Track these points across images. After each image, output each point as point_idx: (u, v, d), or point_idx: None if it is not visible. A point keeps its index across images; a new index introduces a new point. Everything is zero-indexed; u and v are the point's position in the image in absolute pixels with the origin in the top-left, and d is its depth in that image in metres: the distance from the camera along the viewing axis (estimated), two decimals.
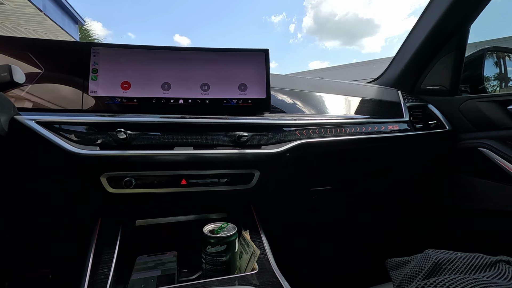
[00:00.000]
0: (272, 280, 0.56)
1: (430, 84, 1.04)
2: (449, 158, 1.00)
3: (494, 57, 1.14)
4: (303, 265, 1.07)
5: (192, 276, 0.65)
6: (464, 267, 0.43)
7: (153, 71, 0.66)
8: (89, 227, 0.66)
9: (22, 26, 4.58)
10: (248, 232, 0.66)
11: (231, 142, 0.66)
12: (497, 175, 0.83)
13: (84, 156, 0.56)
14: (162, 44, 0.68)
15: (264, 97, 0.71)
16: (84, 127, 0.59)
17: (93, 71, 0.63)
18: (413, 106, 0.95)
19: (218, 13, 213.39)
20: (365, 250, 1.14)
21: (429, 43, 0.97)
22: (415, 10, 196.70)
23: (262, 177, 0.70)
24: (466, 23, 0.94)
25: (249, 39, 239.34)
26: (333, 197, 0.99)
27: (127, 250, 0.66)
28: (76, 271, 0.58)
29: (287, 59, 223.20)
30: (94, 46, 0.65)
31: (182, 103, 0.66)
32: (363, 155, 0.90)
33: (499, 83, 1.18)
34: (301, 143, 0.72)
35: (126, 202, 0.68)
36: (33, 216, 0.70)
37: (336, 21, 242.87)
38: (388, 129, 0.85)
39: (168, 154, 0.61)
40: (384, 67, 1.17)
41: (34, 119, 0.54)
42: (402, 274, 0.48)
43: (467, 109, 0.93)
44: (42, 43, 0.63)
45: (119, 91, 0.64)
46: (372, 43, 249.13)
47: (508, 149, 0.82)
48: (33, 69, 0.60)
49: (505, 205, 0.85)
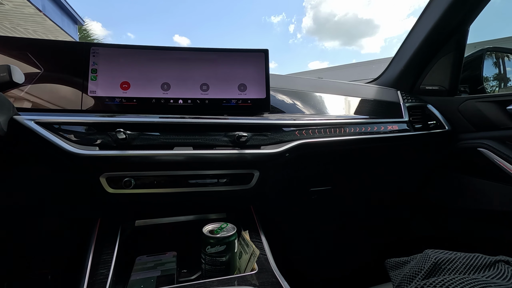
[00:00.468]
0: (271, 280, 0.56)
1: (429, 84, 1.04)
2: (449, 158, 1.00)
3: (493, 57, 1.14)
4: (302, 265, 1.07)
5: (192, 277, 0.65)
6: (464, 267, 0.43)
7: (152, 71, 0.66)
8: (89, 227, 0.66)
9: (21, 26, 4.57)
10: (247, 232, 0.66)
11: (230, 142, 0.66)
12: (496, 175, 0.83)
13: (84, 156, 0.56)
14: (161, 44, 0.68)
15: (263, 97, 0.71)
16: (83, 127, 0.59)
17: (92, 71, 0.63)
18: (412, 106, 0.95)
19: (218, 13, 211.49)
20: (364, 250, 1.14)
21: (429, 43, 0.97)
22: (414, 10, 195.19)
23: (261, 177, 0.70)
24: (465, 23, 0.94)
25: (249, 39, 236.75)
26: (332, 197, 0.99)
27: (127, 250, 0.66)
28: (76, 271, 0.58)
29: (286, 60, 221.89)
30: (94, 46, 0.65)
31: (181, 103, 0.66)
32: (363, 155, 0.90)
33: (498, 83, 1.18)
34: (301, 143, 0.72)
35: (125, 202, 0.68)
36: (32, 217, 0.70)
37: (336, 22, 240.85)
38: (388, 129, 0.85)
39: (167, 154, 0.61)
40: (383, 68, 1.17)
41: (33, 119, 0.54)
42: (402, 274, 0.48)
43: (466, 109, 0.93)
44: (41, 43, 0.63)
45: (118, 91, 0.64)
46: (372, 43, 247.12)
47: (508, 149, 0.82)
48: (32, 69, 0.60)
49: (504, 205, 0.85)
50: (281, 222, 0.98)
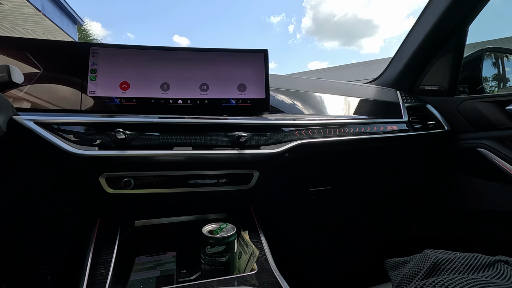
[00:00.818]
0: (271, 280, 0.56)
1: (428, 85, 1.04)
2: (448, 158, 1.00)
3: (492, 57, 1.14)
4: (302, 265, 1.07)
5: (191, 277, 0.65)
6: (463, 267, 0.43)
7: (152, 72, 0.66)
8: (88, 227, 0.66)
9: (21, 26, 4.57)
10: (247, 233, 0.66)
11: (230, 143, 0.66)
12: (496, 175, 0.84)
13: (83, 156, 0.55)
14: (161, 45, 0.68)
15: (263, 97, 0.71)
16: (82, 128, 0.59)
17: (91, 72, 0.63)
18: (411, 106, 0.95)
19: (218, 14, 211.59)
20: (364, 250, 1.14)
21: (428, 43, 0.98)
22: (414, 11, 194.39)
23: (261, 177, 0.70)
24: (465, 23, 0.94)
25: (249, 39, 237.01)
26: (332, 197, 0.99)
27: (126, 250, 0.66)
28: (75, 271, 0.58)
29: (286, 60, 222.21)
30: (93, 46, 0.65)
31: (181, 103, 0.66)
32: (362, 155, 0.90)
33: (497, 84, 1.18)
34: (300, 144, 0.72)
35: (125, 202, 0.68)
36: (32, 217, 0.70)
37: (335, 22, 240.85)
38: (387, 129, 0.86)
39: (167, 154, 0.61)
40: (383, 68, 1.17)
41: (32, 120, 0.54)
42: (401, 274, 0.48)
43: (466, 109, 0.93)
44: (41, 43, 0.62)
45: (118, 92, 0.63)
46: (371, 43, 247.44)
47: (507, 150, 0.82)
48: (31, 69, 0.59)
49: (503, 205, 0.85)
50: (280, 222, 0.98)
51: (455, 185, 0.99)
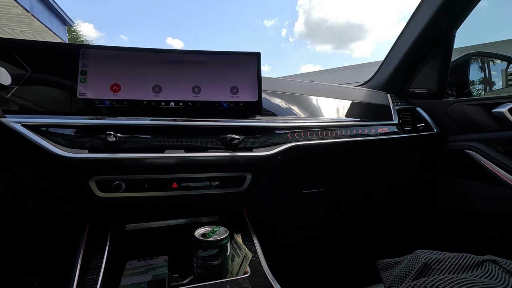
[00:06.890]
0: (264, 283, 0.56)
1: (418, 88, 1.06)
2: (437, 160, 1.02)
3: (479, 62, 1.17)
4: (295, 268, 1.07)
5: (184, 281, 0.65)
6: (453, 267, 0.43)
7: (143, 74, 0.65)
8: (77, 232, 0.64)
9: (8, 27, 4.47)
10: (240, 236, 0.66)
11: (222, 145, 0.66)
12: (483, 177, 0.85)
13: (72, 159, 0.54)
14: (154, 47, 0.67)
15: (255, 100, 0.71)
16: (72, 130, 0.58)
17: (82, 73, 0.62)
18: (402, 109, 0.97)
19: (211, 16, 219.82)
20: (356, 251, 1.15)
21: (417, 47, 1.00)
22: (404, 16, 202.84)
23: (254, 180, 0.70)
24: (452, 29, 0.97)
25: (242, 42, 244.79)
26: (324, 199, 0.99)
27: (117, 255, 0.65)
28: (63, 277, 0.56)
29: (279, 63, 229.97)
30: (83, 47, 0.64)
31: (173, 106, 0.66)
32: (354, 157, 0.91)
33: (483, 87, 1.21)
34: (293, 146, 0.72)
35: (115, 206, 0.66)
36: (19, 221, 0.68)
37: (327, 26, 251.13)
38: (378, 131, 0.87)
39: (158, 157, 0.60)
40: (373, 71, 1.19)
41: (20, 122, 0.53)
42: (393, 275, 0.48)
43: (454, 112, 0.95)
44: (29, 44, 0.61)
45: (108, 94, 0.63)
46: (363, 47, 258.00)
47: (493, 151, 0.84)
48: (19, 71, 0.58)
49: (490, 206, 0.87)
50: (273, 225, 0.98)
51: (444, 186, 1.01)
